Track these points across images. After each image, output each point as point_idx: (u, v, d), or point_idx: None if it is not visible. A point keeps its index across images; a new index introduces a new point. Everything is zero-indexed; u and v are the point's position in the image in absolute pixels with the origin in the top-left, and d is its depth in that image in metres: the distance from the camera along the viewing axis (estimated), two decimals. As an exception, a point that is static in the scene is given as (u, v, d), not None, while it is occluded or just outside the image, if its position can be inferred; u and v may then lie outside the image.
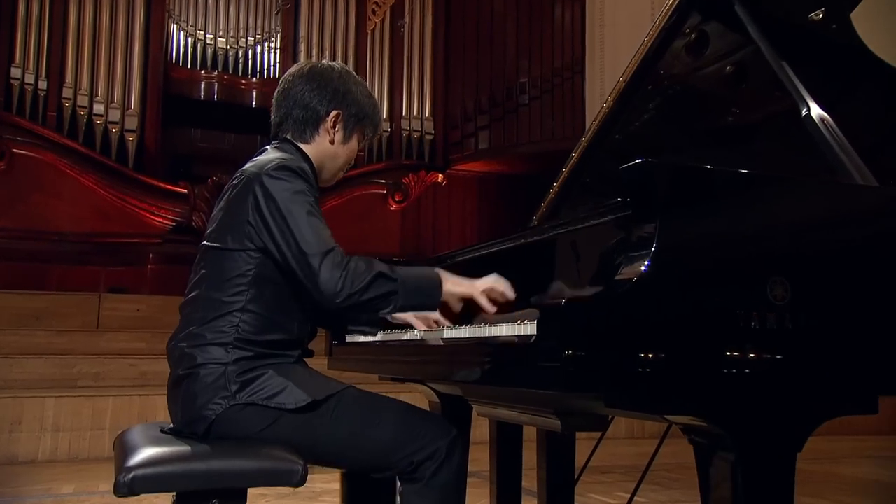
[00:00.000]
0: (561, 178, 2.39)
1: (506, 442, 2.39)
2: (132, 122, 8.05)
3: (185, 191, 8.02)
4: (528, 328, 1.38)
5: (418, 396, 3.11)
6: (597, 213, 1.52)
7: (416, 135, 9.10)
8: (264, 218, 1.63)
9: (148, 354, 5.56)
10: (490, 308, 1.65)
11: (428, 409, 2.49)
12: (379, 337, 1.99)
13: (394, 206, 8.91)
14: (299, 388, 1.63)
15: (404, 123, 9.11)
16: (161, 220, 8.02)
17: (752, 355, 1.26)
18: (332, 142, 1.82)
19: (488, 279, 1.67)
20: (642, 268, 1.22)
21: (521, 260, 1.83)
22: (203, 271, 1.70)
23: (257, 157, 1.77)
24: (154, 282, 7.62)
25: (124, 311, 6.47)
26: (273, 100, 1.85)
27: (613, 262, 1.32)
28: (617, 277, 1.26)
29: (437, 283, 1.66)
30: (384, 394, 1.76)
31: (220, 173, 8.02)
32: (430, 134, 9.18)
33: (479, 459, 2.71)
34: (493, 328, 1.55)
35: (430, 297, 1.66)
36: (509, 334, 1.45)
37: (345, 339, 2.27)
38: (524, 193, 8.96)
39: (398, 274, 1.62)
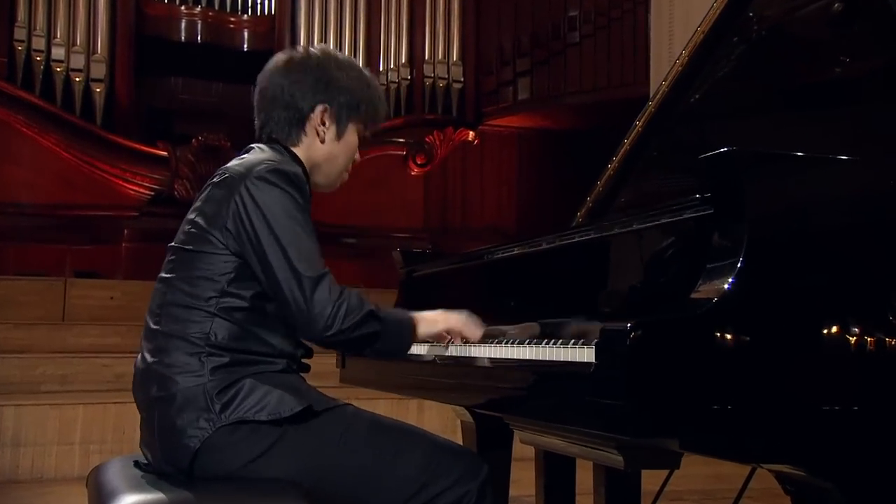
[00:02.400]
0: (621, 152, 2.37)
1: (555, 469, 2.40)
2: (99, 70, 8.08)
3: (164, 153, 8.07)
4: (585, 353, 1.38)
5: (447, 411, 3.12)
6: (667, 208, 1.50)
7: (441, 83, 9.05)
8: (249, 228, 1.68)
9: (124, 352, 5.62)
10: (458, 341, 1.86)
11: (459, 427, 2.51)
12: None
13: (415, 171, 8.90)
14: (290, 394, 1.67)
15: (427, 69, 9.05)
16: (137, 188, 8.09)
17: (868, 391, 1.24)
18: (323, 141, 1.88)
19: (461, 316, 1.85)
20: (726, 284, 1.22)
21: (570, 263, 1.83)
22: (169, 276, 1.76)
23: (245, 156, 1.82)
24: (130, 263, 7.70)
25: (95, 300, 6.55)
26: (253, 102, 1.92)
27: (688, 275, 1.31)
28: (694, 295, 1.26)
29: (413, 331, 1.80)
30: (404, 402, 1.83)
31: (207, 131, 8.06)
32: (459, 82, 9.12)
33: (523, 480, 2.72)
34: (538, 349, 1.55)
35: (404, 345, 1.81)
36: (559, 359, 1.44)
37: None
38: (574, 154, 8.86)
39: (383, 314, 1.74)
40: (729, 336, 1.21)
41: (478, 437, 2.41)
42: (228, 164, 1.80)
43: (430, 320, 1.83)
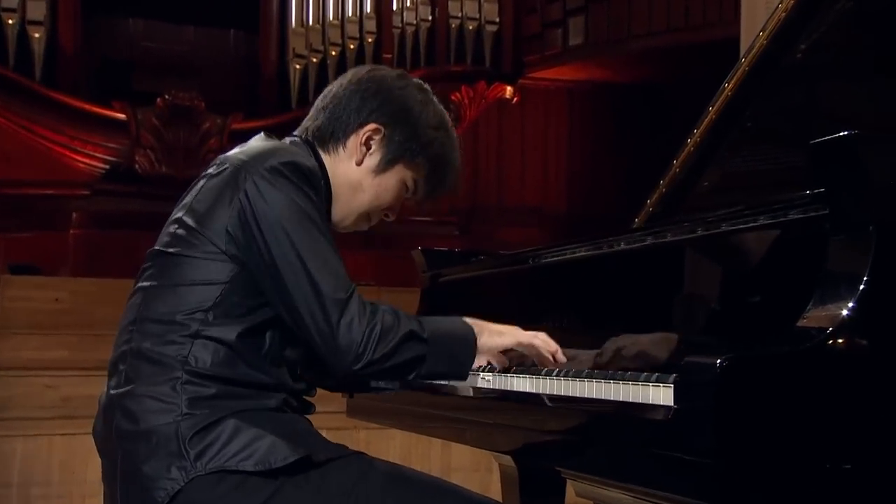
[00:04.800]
0: (705, 122, 2.37)
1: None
2: (37, 10, 8.13)
3: (122, 116, 8.13)
4: (660, 393, 1.39)
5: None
6: (767, 206, 1.50)
7: (470, 26, 9.05)
8: (258, 233, 1.69)
9: (73, 368, 5.65)
10: (549, 361, 1.84)
11: (495, 469, 2.52)
12: None
13: (438, 137, 8.90)
14: (285, 439, 1.67)
15: (453, 8, 9.05)
16: (88, 160, 8.16)
17: None
18: (358, 163, 1.90)
19: (535, 333, 1.87)
20: (844, 310, 1.22)
21: (639, 272, 1.84)
22: (147, 284, 1.77)
23: (249, 144, 1.84)
24: (80, 255, 7.77)
25: (36, 302, 6.57)
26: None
27: (794, 294, 1.31)
28: (801, 322, 1.25)
29: (472, 345, 1.82)
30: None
31: (176, 89, 8.09)
32: (494, 23, 9.12)
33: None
34: (599, 385, 1.55)
35: (460, 365, 1.82)
36: (626, 400, 1.44)
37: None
38: (640, 114, 8.85)
39: (428, 331, 1.77)
40: (847, 376, 1.22)
41: (521, 486, 2.42)
42: (227, 154, 1.82)
43: (496, 330, 1.85)
